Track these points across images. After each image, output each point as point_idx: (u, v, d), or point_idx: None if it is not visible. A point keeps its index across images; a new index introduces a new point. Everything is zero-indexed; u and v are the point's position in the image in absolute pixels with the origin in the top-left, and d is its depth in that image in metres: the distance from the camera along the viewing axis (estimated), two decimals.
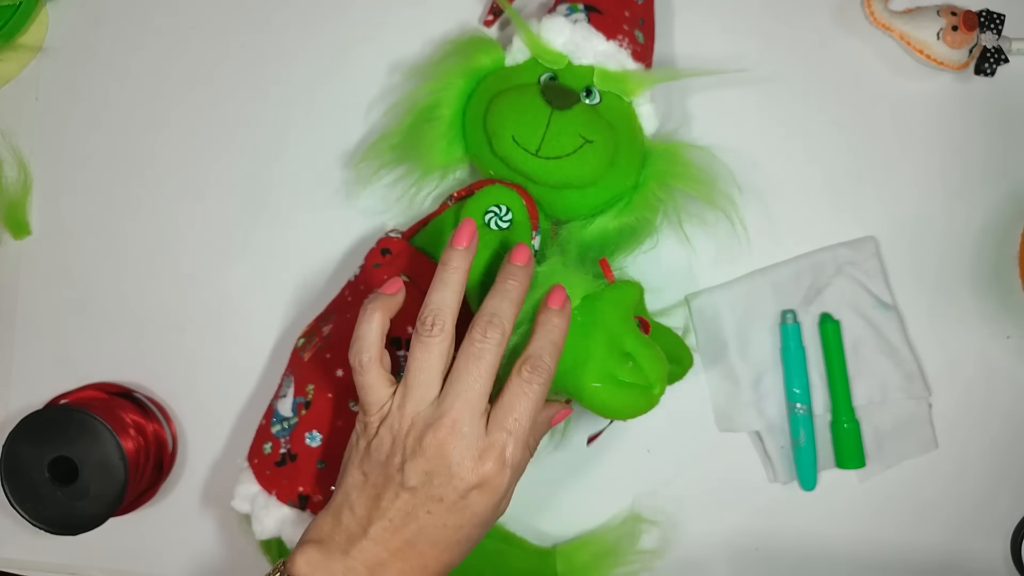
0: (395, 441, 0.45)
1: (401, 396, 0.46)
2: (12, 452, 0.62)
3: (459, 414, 0.45)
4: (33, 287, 0.69)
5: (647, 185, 0.59)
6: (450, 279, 0.47)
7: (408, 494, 0.44)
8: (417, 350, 0.46)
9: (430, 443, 0.44)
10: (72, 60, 0.70)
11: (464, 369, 0.45)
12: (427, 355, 0.45)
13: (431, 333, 0.46)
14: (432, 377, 0.45)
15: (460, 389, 0.45)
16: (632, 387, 0.51)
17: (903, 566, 0.65)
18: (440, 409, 0.45)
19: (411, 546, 0.45)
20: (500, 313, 0.46)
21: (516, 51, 0.59)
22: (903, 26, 0.65)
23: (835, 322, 0.64)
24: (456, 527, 0.45)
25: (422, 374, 0.45)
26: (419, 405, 0.45)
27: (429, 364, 0.45)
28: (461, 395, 0.45)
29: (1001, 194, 0.66)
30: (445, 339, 0.46)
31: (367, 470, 0.46)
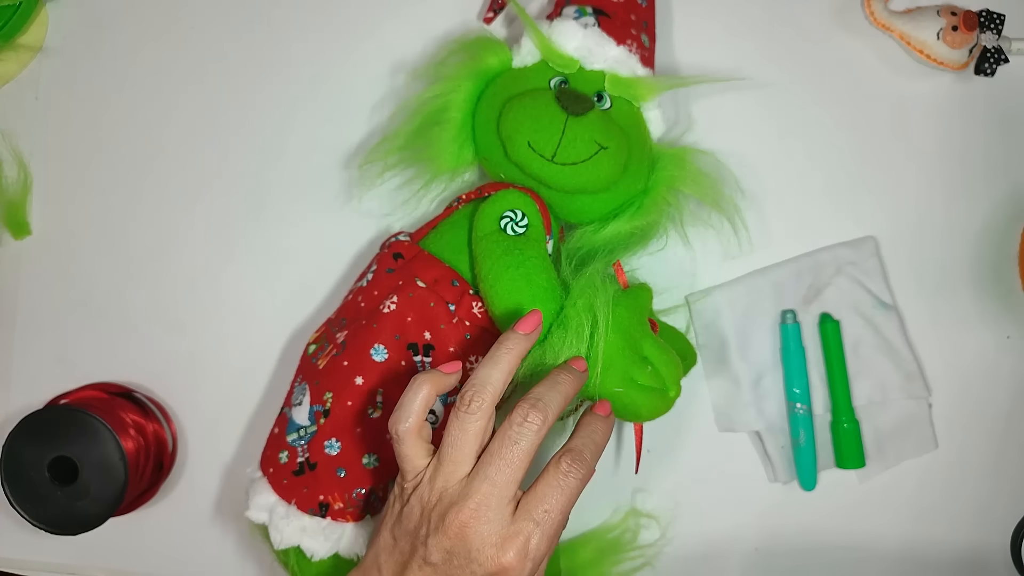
0: (423, 512, 0.45)
1: (433, 469, 0.45)
2: (12, 452, 0.62)
3: (485, 498, 0.44)
4: (33, 287, 0.69)
5: (657, 189, 0.59)
6: (502, 359, 0.46)
7: (430, 568, 0.44)
8: (453, 424, 0.45)
9: (452, 522, 0.43)
10: (72, 60, 0.70)
11: (498, 452, 0.44)
12: (461, 432, 0.45)
13: (468, 410, 0.45)
14: (464, 455, 0.45)
15: (490, 472, 0.44)
16: (651, 390, 0.52)
17: (903, 566, 0.65)
18: (467, 489, 0.44)
19: None
20: (546, 400, 0.45)
21: (525, 53, 0.59)
22: (903, 26, 0.65)
23: (835, 322, 0.64)
24: None
25: (454, 450, 0.45)
26: (448, 481, 0.44)
27: (462, 441, 0.45)
28: (490, 478, 0.44)
29: (1001, 194, 0.66)
30: (482, 418, 0.45)
31: (397, 535, 0.46)
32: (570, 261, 0.57)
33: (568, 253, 0.58)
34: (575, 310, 0.51)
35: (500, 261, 0.53)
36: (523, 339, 0.47)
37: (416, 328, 0.54)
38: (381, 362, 0.53)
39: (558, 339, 0.51)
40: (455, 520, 0.43)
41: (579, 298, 0.52)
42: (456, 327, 0.54)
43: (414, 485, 0.46)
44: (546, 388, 0.46)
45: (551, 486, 0.44)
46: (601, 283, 0.52)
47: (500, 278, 0.53)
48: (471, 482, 0.44)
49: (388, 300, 0.54)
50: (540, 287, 0.53)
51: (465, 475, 0.44)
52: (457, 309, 0.54)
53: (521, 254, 0.53)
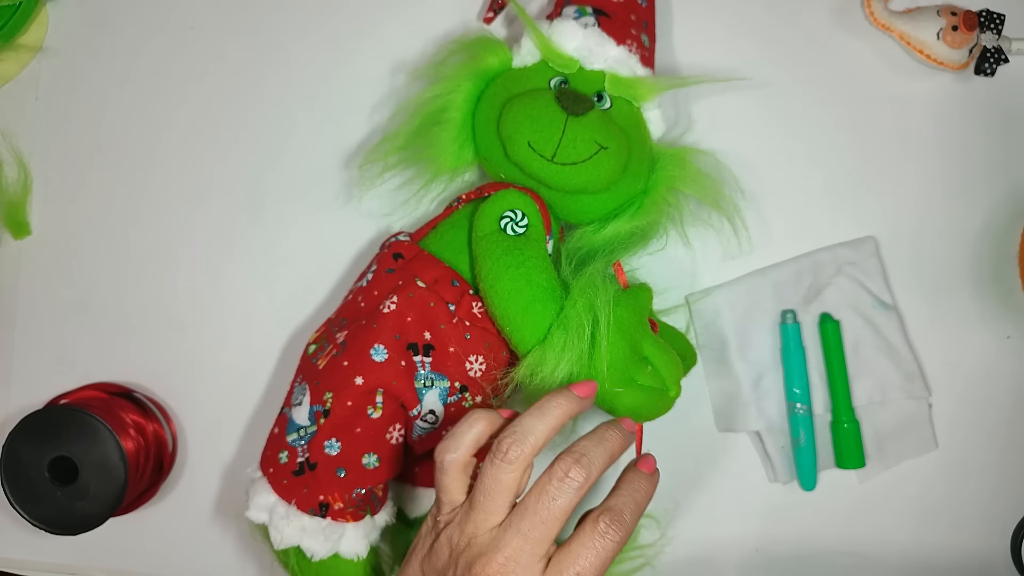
0: (451, 555, 0.43)
1: (465, 512, 0.44)
2: (12, 452, 0.62)
3: (516, 552, 0.42)
4: (33, 287, 0.69)
5: (657, 189, 0.59)
6: (550, 412, 0.44)
7: None
8: (488, 472, 0.43)
9: (479, 574, 0.42)
10: (72, 60, 0.70)
11: (533, 507, 0.42)
12: (495, 482, 0.43)
13: (506, 459, 0.43)
14: (496, 505, 0.43)
15: (523, 527, 0.42)
16: (651, 390, 0.52)
17: (903, 566, 0.65)
18: (498, 541, 0.42)
19: None
20: (591, 456, 0.43)
21: (525, 53, 0.59)
22: (903, 26, 0.65)
23: (835, 322, 0.64)
24: None
25: (487, 499, 0.43)
26: (478, 528, 0.43)
27: (495, 491, 0.43)
28: (523, 533, 0.42)
29: (1001, 194, 0.66)
30: (518, 469, 0.43)
31: (426, 570, 0.44)
32: (570, 261, 0.57)
33: (568, 253, 0.58)
34: (575, 310, 0.51)
35: (500, 261, 0.53)
36: (575, 400, 0.45)
37: (416, 328, 0.54)
38: (381, 362, 0.53)
39: (558, 339, 0.51)
40: (482, 572, 0.42)
41: (579, 298, 0.52)
42: (456, 327, 0.54)
43: (446, 522, 0.44)
44: (592, 443, 0.44)
45: (586, 546, 0.42)
46: (601, 283, 0.52)
47: (500, 278, 0.53)
48: (503, 534, 0.42)
49: (388, 300, 0.54)
50: (540, 287, 0.53)
51: (496, 525, 0.43)
52: (457, 309, 0.54)
53: (521, 254, 0.53)
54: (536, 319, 0.52)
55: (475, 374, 0.54)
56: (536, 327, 0.52)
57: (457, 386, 0.54)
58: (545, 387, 0.50)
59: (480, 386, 0.54)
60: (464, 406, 0.54)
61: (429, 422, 0.54)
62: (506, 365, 0.55)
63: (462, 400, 0.54)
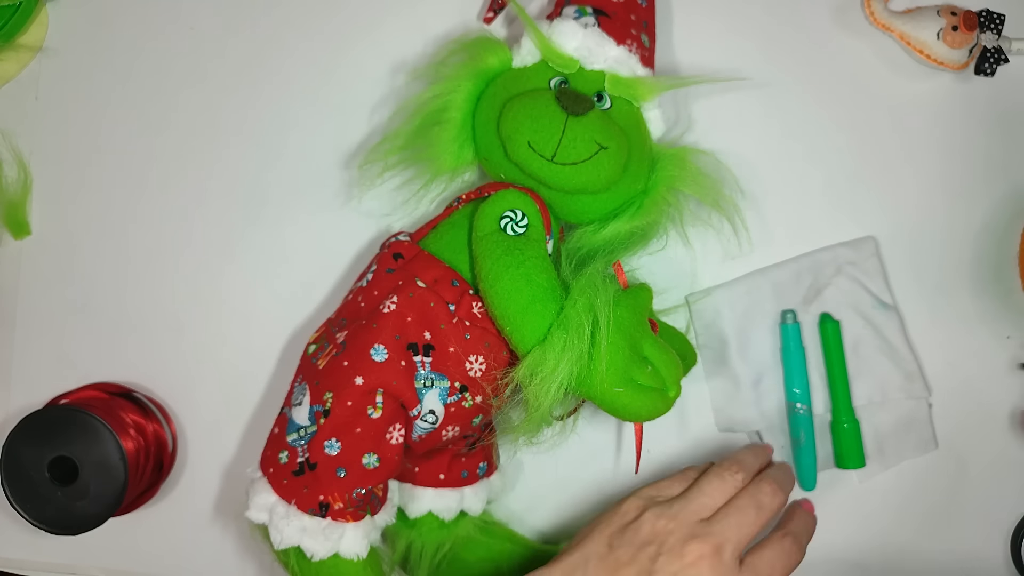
0: (655, 533, 0.50)
1: (681, 503, 0.51)
2: (12, 452, 0.62)
3: (726, 542, 0.49)
4: (33, 287, 0.69)
5: (657, 189, 0.59)
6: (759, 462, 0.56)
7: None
8: (714, 478, 0.53)
9: (692, 551, 0.49)
10: (72, 60, 0.70)
11: (744, 509, 0.51)
12: (719, 488, 0.52)
13: (734, 475, 0.53)
14: (710, 505, 0.51)
15: (737, 522, 0.50)
16: (650, 390, 0.52)
17: (903, 566, 0.65)
18: (712, 529, 0.50)
19: None
20: (784, 486, 0.53)
21: (525, 53, 0.59)
22: (903, 26, 0.65)
23: (835, 322, 0.64)
24: None
25: (706, 498, 0.51)
26: (690, 517, 0.50)
27: (715, 496, 0.52)
28: (735, 527, 0.50)
29: (1001, 194, 0.66)
30: (738, 486, 0.52)
31: (615, 543, 0.50)
32: (570, 261, 0.57)
33: (568, 253, 0.58)
34: (575, 310, 0.51)
35: (500, 261, 0.53)
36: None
37: (416, 328, 0.54)
38: (381, 362, 0.53)
39: (558, 339, 0.51)
40: (695, 550, 0.49)
41: (579, 298, 0.52)
42: (456, 327, 0.54)
43: (649, 504, 0.52)
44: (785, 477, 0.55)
45: (778, 552, 0.51)
46: (601, 283, 0.52)
47: (500, 278, 0.53)
48: (718, 523, 0.50)
49: (388, 300, 0.54)
50: (540, 287, 0.53)
51: (703, 520, 0.51)
52: (457, 309, 0.54)
53: (521, 254, 0.53)
54: (536, 319, 0.52)
55: (475, 374, 0.54)
56: (536, 327, 0.52)
57: (457, 386, 0.54)
58: (545, 387, 0.50)
59: (480, 386, 0.54)
60: (464, 406, 0.54)
61: (429, 422, 0.54)
62: (506, 365, 0.55)
63: (462, 400, 0.54)
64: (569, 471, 0.65)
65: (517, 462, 0.66)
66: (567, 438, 0.56)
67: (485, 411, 0.56)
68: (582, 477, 0.65)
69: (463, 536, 0.61)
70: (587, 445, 0.64)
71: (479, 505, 0.61)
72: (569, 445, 0.57)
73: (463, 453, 0.60)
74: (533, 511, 0.65)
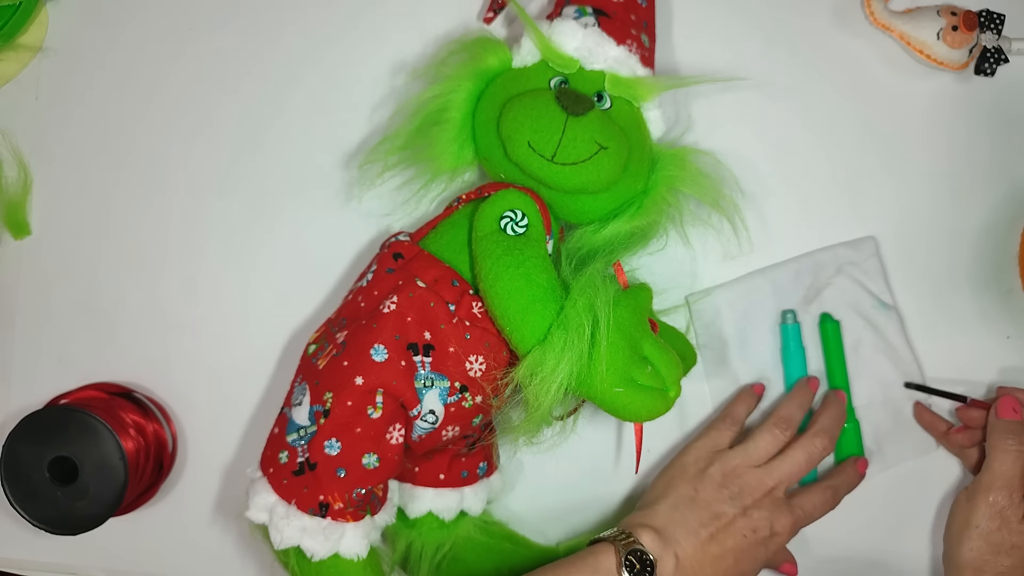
0: (725, 478, 0.59)
1: (741, 453, 0.60)
2: (12, 452, 0.62)
3: (779, 484, 0.59)
4: (33, 287, 0.69)
5: (656, 189, 0.59)
6: (806, 403, 0.63)
7: (733, 519, 0.57)
8: (767, 434, 0.60)
9: (753, 491, 0.58)
10: (72, 60, 0.70)
11: (796, 459, 0.60)
12: (771, 443, 0.60)
13: (784, 432, 0.60)
14: (764, 456, 0.60)
15: (788, 469, 0.59)
16: (650, 390, 0.52)
17: (903, 566, 0.65)
18: (771, 474, 0.59)
19: (721, 558, 0.57)
20: (833, 432, 0.61)
21: (525, 53, 0.59)
22: (903, 26, 0.65)
23: (835, 322, 0.64)
24: (753, 557, 0.58)
25: (761, 451, 0.60)
26: (750, 464, 0.60)
27: (768, 448, 0.60)
28: (787, 473, 0.59)
29: (1001, 194, 0.66)
30: (787, 440, 0.60)
31: (698, 487, 0.58)
32: (570, 261, 0.57)
33: (568, 253, 0.58)
34: (575, 310, 0.51)
35: (500, 261, 0.53)
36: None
37: (416, 328, 0.54)
38: (381, 362, 0.53)
39: (558, 339, 0.51)
40: (759, 486, 0.59)
41: (579, 298, 0.52)
42: (456, 327, 0.54)
43: (716, 459, 0.60)
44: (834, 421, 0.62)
45: (818, 500, 0.60)
46: (601, 283, 0.52)
47: (500, 278, 0.53)
48: (775, 469, 0.59)
49: (388, 300, 0.54)
50: (540, 287, 0.53)
51: (759, 466, 0.60)
52: (457, 309, 0.54)
53: (521, 254, 0.53)
54: (536, 319, 0.52)
55: (475, 374, 0.54)
56: (536, 327, 0.52)
57: (457, 386, 0.54)
58: (545, 387, 0.50)
59: (480, 386, 0.54)
60: (464, 406, 0.54)
61: (429, 422, 0.54)
62: (506, 365, 0.55)
63: (462, 400, 0.54)
64: (569, 471, 0.65)
65: (517, 462, 0.66)
66: (567, 438, 0.56)
67: (485, 411, 0.56)
68: (582, 477, 0.65)
69: (463, 536, 0.61)
70: (587, 445, 0.64)
71: (479, 505, 0.61)
72: (569, 445, 0.57)
73: (463, 453, 0.60)
74: (533, 511, 0.65)
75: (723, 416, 0.63)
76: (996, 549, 0.58)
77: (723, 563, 0.57)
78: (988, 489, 0.59)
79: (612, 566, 0.54)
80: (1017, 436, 0.59)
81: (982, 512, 0.59)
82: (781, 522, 0.58)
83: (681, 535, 0.56)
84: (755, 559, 0.58)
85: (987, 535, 0.59)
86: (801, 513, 0.59)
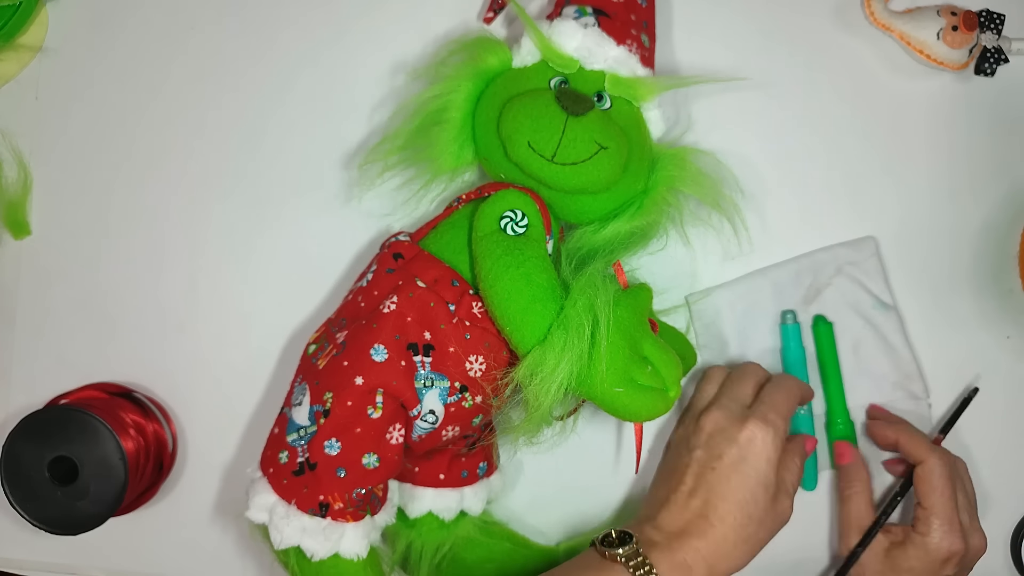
0: (716, 427, 0.57)
1: (727, 400, 0.59)
2: (12, 452, 0.62)
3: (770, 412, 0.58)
4: (33, 287, 0.69)
5: (657, 189, 0.59)
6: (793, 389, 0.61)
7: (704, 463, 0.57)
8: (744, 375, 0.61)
9: (747, 431, 0.56)
10: (72, 60, 0.70)
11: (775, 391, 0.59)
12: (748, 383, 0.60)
13: (755, 371, 0.61)
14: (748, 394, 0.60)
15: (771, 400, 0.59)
16: (650, 390, 0.52)
17: None
18: (757, 409, 0.58)
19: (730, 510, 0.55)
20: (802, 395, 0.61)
21: (525, 53, 0.59)
22: (903, 26, 0.65)
23: (828, 324, 0.64)
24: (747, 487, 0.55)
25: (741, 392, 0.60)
26: (737, 407, 0.59)
27: (747, 388, 0.60)
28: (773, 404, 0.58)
29: (1001, 194, 0.66)
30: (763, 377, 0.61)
31: (692, 447, 0.58)
32: (570, 261, 0.57)
33: (568, 253, 0.58)
34: (575, 310, 0.51)
35: (500, 261, 0.53)
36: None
37: (416, 328, 0.54)
38: (381, 362, 0.53)
39: (558, 339, 0.51)
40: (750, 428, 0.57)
41: (579, 298, 0.52)
42: (456, 327, 0.54)
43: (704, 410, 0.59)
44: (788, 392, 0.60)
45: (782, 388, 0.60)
46: (601, 283, 0.52)
47: (500, 278, 0.53)
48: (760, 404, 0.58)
49: (388, 300, 0.54)
50: (540, 287, 0.53)
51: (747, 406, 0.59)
52: (457, 309, 0.54)
53: (521, 254, 0.53)
54: (536, 319, 0.52)
55: (475, 374, 0.54)
56: (536, 327, 0.52)
57: (457, 386, 0.54)
58: (545, 387, 0.50)
59: (480, 386, 0.54)
60: (464, 406, 0.54)
61: (429, 422, 0.54)
62: (506, 365, 0.55)
63: (462, 400, 0.54)
64: (569, 471, 0.65)
65: (517, 462, 0.66)
66: (567, 438, 0.56)
67: (485, 411, 0.56)
68: (582, 477, 0.65)
69: (463, 536, 0.61)
70: (587, 445, 0.64)
71: (479, 505, 0.61)
72: (569, 445, 0.57)
73: (463, 453, 0.60)
74: (533, 511, 0.65)
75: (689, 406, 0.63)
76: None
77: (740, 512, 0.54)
78: (848, 535, 0.61)
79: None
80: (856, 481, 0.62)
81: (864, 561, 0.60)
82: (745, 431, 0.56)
83: (693, 535, 0.55)
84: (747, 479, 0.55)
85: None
86: (763, 407, 0.58)
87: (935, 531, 0.58)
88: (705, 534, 0.54)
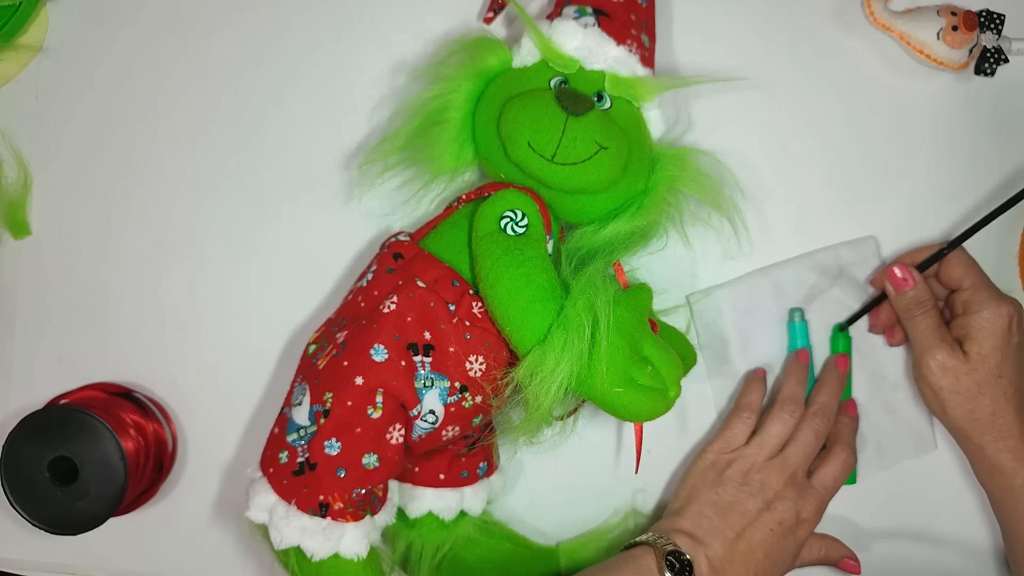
0: (745, 477, 0.60)
1: (756, 447, 0.61)
2: (12, 452, 0.62)
3: (798, 468, 0.60)
4: (33, 287, 0.69)
5: (657, 189, 0.59)
6: (803, 378, 0.63)
7: (758, 515, 0.58)
8: (777, 421, 0.61)
9: (774, 482, 0.59)
10: (72, 60, 0.70)
11: (806, 440, 0.61)
12: (781, 430, 0.61)
13: (792, 414, 0.61)
14: (777, 444, 0.61)
15: (802, 451, 0.60)
16: (650, 390, 0.52)
17: (902, 565, 0.65)
18: (786, 461, 0.60)
19: (751, 555, 0.57)
20: (832, 408, 0.62)
21: (525, 53, 0.59)
22: (903, 26, 0.65)
23: (848, 337, 0.64)
24: (784, 548, 0.59)
25: (774, 439, 0.61)
26: (764, 455, 0.60)
27: (780, 435, 0.61)
28: (801, 455, 0.60)
29: (1001, 194, 0.66)
30: (796, 422, 0.61)
31: (720, 490, 0.59)
32: (570, 261, 0.57)
33: (568, 253, 0.58)
34: (575, 310, 0.51)
35: (500, 261, 0.53)
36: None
37: (416, 328, 0.54)
38: (381, 362, 0.53)
39: (558, 339, 0.51)
40: (779, 476, 0.59)
41: (579, 298, 0.52)
42: (456, 327, 0.54)
43: (734, 457, 0.61)
44: (829, 395, 0.63)
45: (838, 466, 0.61)
46: (601, 283, 0.52)
47: (500, 278, 0.53)
48: (789, 457, 0.60)
49: (388, 300, 0.54)
50: (540, 287, 0.53)
51: (775, 456, 0.60)
52: (457, 309, 0.54)
53: (521, 254, 0.53)
54: (536, 319, 0.52)
55: (475, 374, 0.54)
56: (536, 327, 0.52)
57: (457, 386, 0.54)
58: (545, 387, 0.50)
59: (480, 386, 0.54)
60: (464, 406, 0.54)
61: (429, 422, 0.54)
62: (506, 365, 0.55)
63: (462, 400, 0.54)
64: (569, 471, 0.65)
65: (517, 462, 0.66)
66: (567, 438, 0.56)
67: (485, 411, 0.56)
68: (582, 477, 0.65)
69: (463, 536, 0.61)
70: (587, 445, 0.64)
71: (479, 505, 0.61)
72: (569, 445, 0.57)
73: (463, 453, 0.60)
74: (533, 511, 0.65)
75: (738, 408, 0.63)
76: (970, 396, 0.59)
77: (753, 559, 0.57)
78: (925, 352, 0.60)
79: (654, 567, 0.55)
80: (919, 304, 0.61)
81: (935, 375, 0.60)
82: (806, 509, 0.59)
83: (709, 538, 0.57)
84: (785, 549, 0.59)
85: (953, 391, 0.59)
86: (823, 491, 0.60)
87: (985, 299, 0.59)
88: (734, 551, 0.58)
